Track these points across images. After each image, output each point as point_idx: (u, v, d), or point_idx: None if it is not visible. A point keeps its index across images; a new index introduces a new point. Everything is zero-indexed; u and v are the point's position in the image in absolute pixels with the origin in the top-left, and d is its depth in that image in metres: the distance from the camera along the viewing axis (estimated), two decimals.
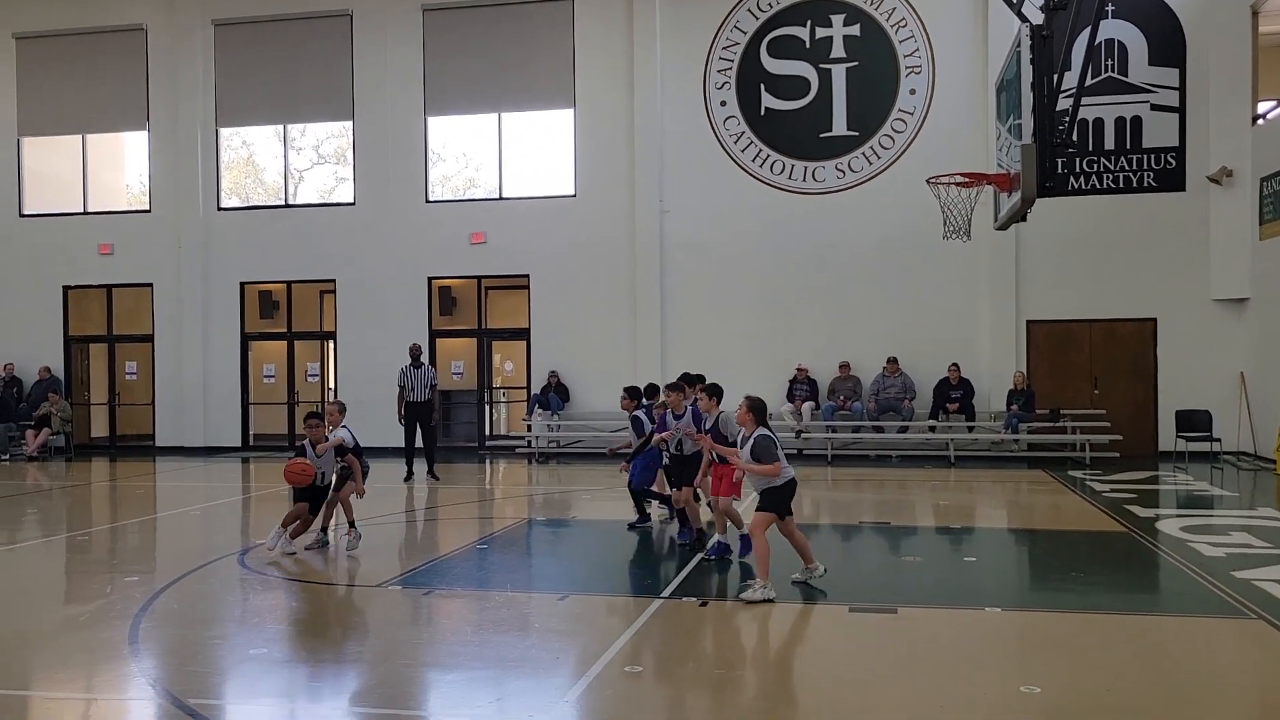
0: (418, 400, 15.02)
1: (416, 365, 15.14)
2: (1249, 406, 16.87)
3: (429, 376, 15.20)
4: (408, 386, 15.05)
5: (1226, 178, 16.89)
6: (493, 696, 5.49)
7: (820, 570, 7.92)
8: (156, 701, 5.39)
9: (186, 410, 20.74)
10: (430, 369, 15.43)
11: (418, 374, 15.08)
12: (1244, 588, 7.66)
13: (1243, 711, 5.29)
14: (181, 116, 20.67)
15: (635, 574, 8.77)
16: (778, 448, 7.73)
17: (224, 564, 8.99)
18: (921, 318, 18.18)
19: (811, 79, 18.68)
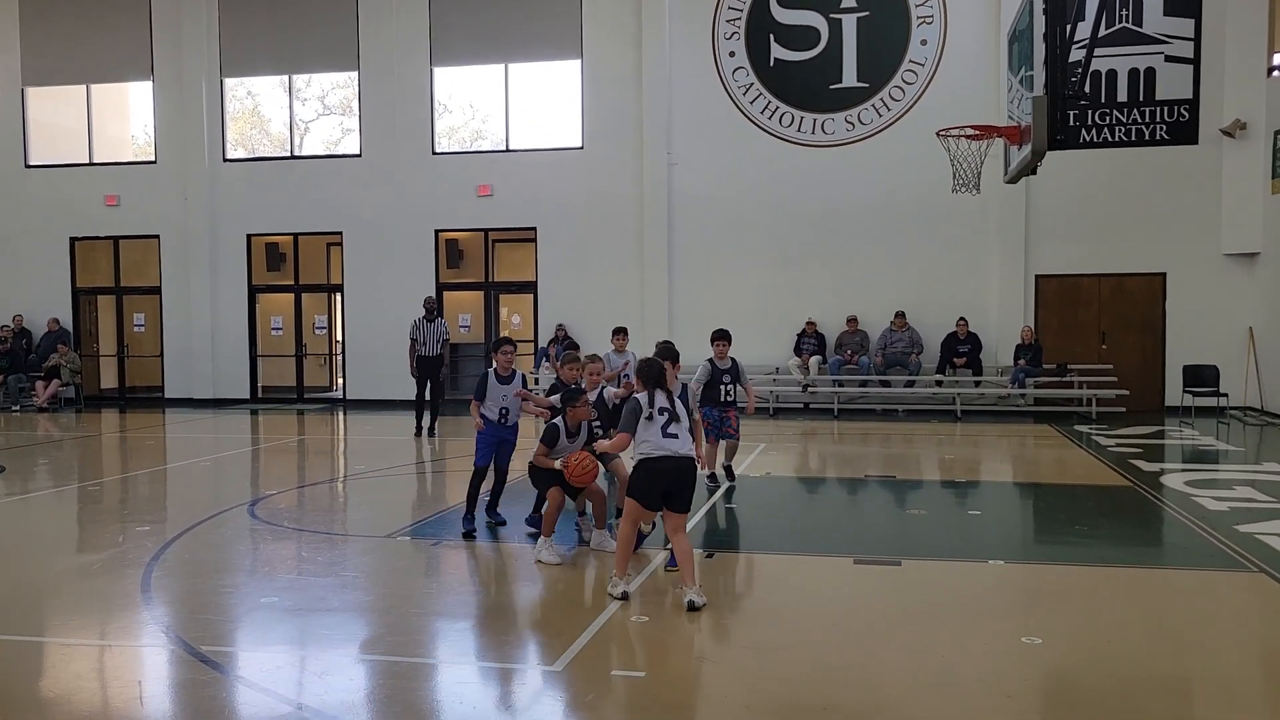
0: (430, 355, 14.89)
1: (430, 318, 14.98)
2: (1257, 362, 16.83)
3: (442, 330, 15.01)
4: (420, 340, 14.90)
5: (1240, 130, 16.71)
6: (500, 645, 5.56)
7: (692, 598, 6.02)
8: (169, 649, 5.48)
9: (195, 362, 20.82)
10: (443, 323, 15.22)
11: (431, 327, 14.92)
12: (1246, 541, 7.70)
13: (1243, 663, 5.34)
14: (186, 67, 20.52)
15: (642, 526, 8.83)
16: (638, 417, 6.21)
17: (234, 514, 9.08)
18: (930, 272, 18.11)
19: (821, 29, 18.44)
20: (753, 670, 5.21)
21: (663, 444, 6.14)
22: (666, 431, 6.16)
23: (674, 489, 6.18)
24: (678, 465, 6.15)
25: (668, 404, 6.23)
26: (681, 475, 6.16)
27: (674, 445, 6.15)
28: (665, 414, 6.21)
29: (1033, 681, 4.99)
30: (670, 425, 6.18)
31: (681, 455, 6.16)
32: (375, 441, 15.23)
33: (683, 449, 6.18)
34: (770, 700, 4.77)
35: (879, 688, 4.89)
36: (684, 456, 6.17)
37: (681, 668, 5.22)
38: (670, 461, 6.14)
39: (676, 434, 6.17)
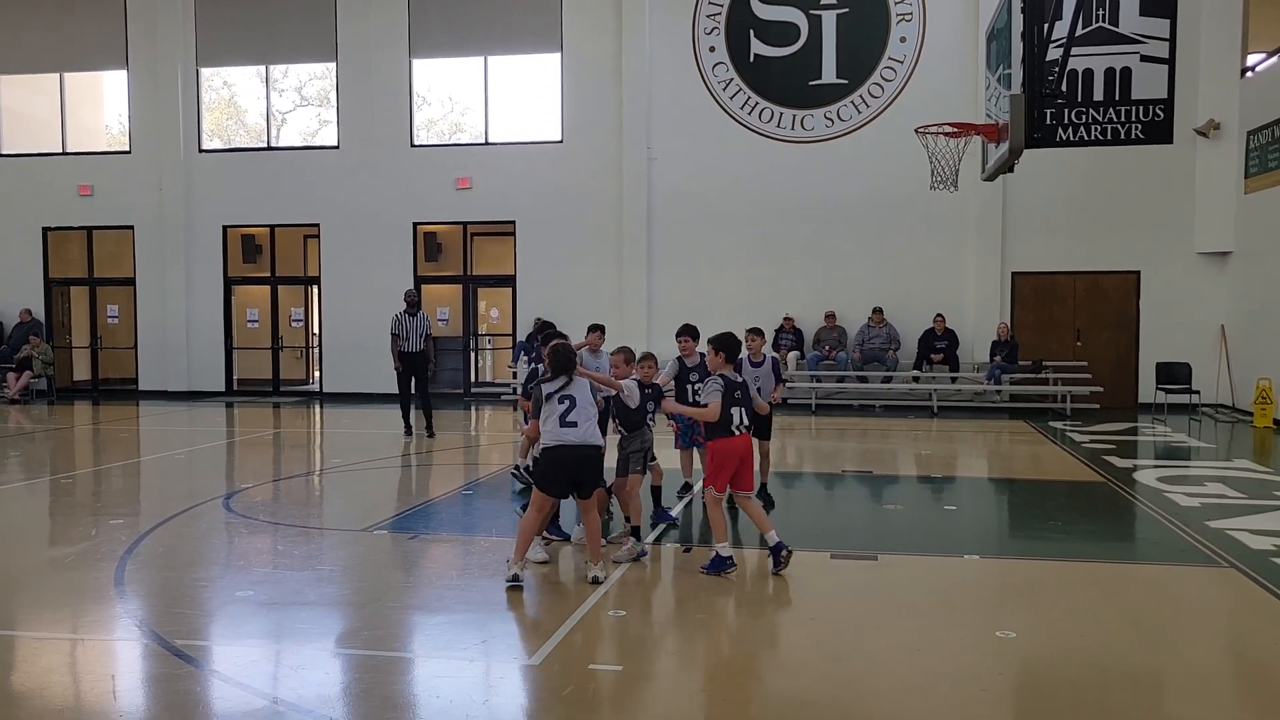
0: (413, 350, 14.16)
1: (412, 313, 14.22)
2: (1228, 359, 17.02)
3: (424, 325, 14.26)
4: (402, 335, 14.17)
5: (1214, 130, 16.87)
6: (477, 639, 5.55)
7: (596, 573, 6.37)
8: (143, 642, 5.44)
9: (169, 354, 20.65)
10: (426, 317, 14.44)
11: (413, 322, 14.16)
12: (1218, 537, 7.79)
13: (1214, 656, 5.41)
14: (161, 56, 20.32)
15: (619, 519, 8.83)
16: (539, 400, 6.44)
17: (209, 508, 9.02)
18: (908, 268, 18.20)
19: (801, 25, 18.47)
20: (729, 664, 5.24)
21: (560, 434, 6.28)
22: (565, 420, 6.28)
23: (578, 477, 6.38)
24: (577, 454, 6.30)
25: (573, 392, 6.34)
26: (581, 464, 6.34)
27: (571, 435, 6.28)
28: (566, 402, 6.31)
29: (1007, 675, 5.03)
30: (570, 414, 6.28)
31: (581, 444, 6.29)
32: (352, 435, 15.16)
33: (583, 438, 6.31)
34: (746, 694, 4.79)
35: (855, 682, 4.92)
36: (584, 445, 6.30)
37: (659, 661, 5.23)
38: (568, 450, 6.29)
39: (575, 422, 6.29)
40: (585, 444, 6.30)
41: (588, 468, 6.38)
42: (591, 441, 6.35)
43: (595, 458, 6.46)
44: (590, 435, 6.33)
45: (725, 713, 4.55)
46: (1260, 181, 15.88)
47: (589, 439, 6.33)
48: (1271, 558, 7.17)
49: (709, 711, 4.57)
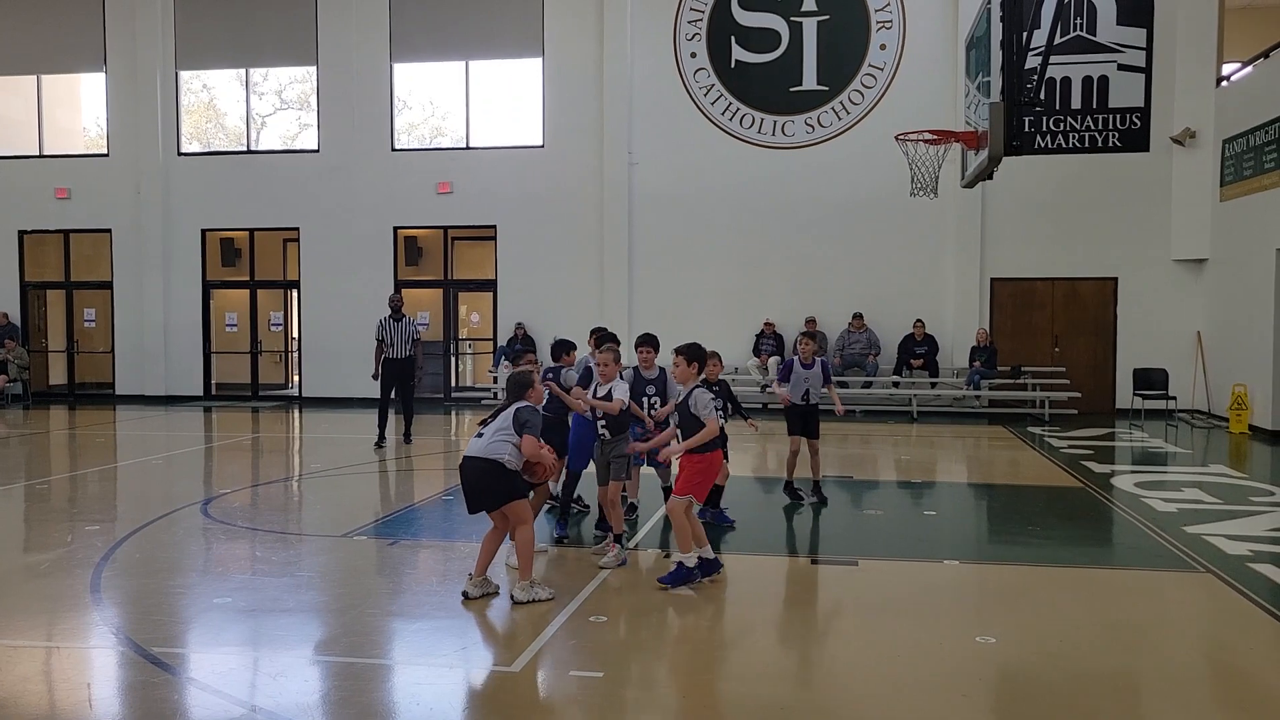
0: (398, 356, 13.58)
1: (397, 318, 13.66)
2: (1204, 366, 17.18)
3: (411, 330, 13.71)
4: (387, 341, 13.58)
5: (1190, 139, 17.04)
6: (458, 646, 5.53)
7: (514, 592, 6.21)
8: (119, 650, 5.39)
9: (147, 358, 20.49)
10: (412, 322, 13.92)
11: (398, 327, 13.59)
12: (1194, 542, 7.86)
13: (1190, 660, 5.45)
14: (140, 58, 20.19)
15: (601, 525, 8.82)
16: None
17: (187, 513, 8.95)
18: (888, 274, 18.28)
19: (782, 32, 18.55)
20: (711, 670, 5.24)
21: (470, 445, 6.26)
22: (478, 433, 6.24)
23: (473, 487, 6.22)
24: (469, 464, 6.18)
25: (501, 410, 6.29)
26: (471, 474, 6.18)
27: (472, 445, 6.19)
28: (491, 420, 6.29)
29: (987, 680, 5.05)
30: (483, 426, 6.25)
31: (472, 455, 6.17)
32: (332, 440, 15.08)
33: (477, 450, 6.11)
34: (728, 700, 4.79)
35: (835, 687, 4.93)
36: (474, 456, 6.15)
37: (639, 668, 5.22)
38: (464, 460, 6.24)
39: (482, 434, 6.20)
40: (476, 455, 6.12)
41: (479, 479, 6.14)
42: (483, 455, 6.09)
43: (470, 468, 6.15)
44: (486, 449, 6.08)
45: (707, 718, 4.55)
46: (1235, 190, 16.05)
47: (483, 451, 6.10)
48: (1247, 563, 7.24)
49: (690, 718, 4.56)
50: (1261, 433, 14.79)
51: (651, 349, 7.95)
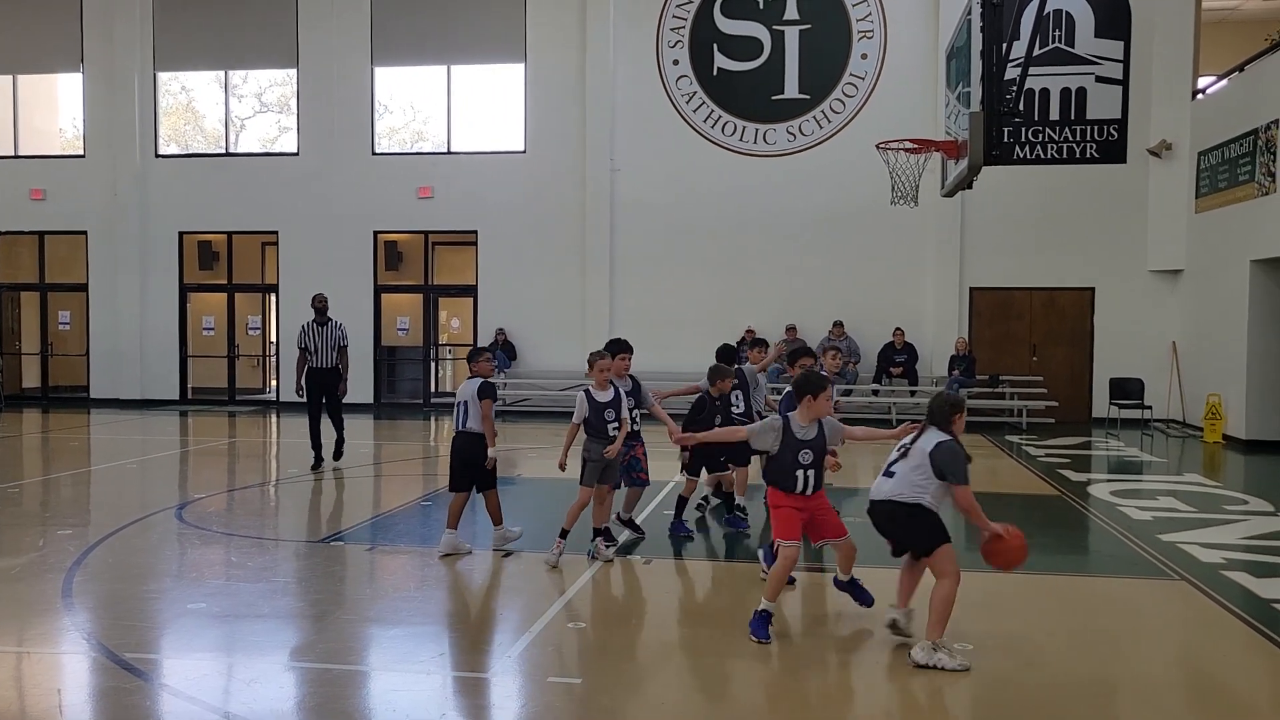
0: (323, 365, 11.98)
1: (321, 322, 12.03)
2: (1179, 376, 17.32)
3: (337, 336, 12.10)
4: (310, 348, 11.96)
5: (1166, 151, 17.20)
6: (435, 652, 5.50)
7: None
8: (91, 656, 5.32)
9: (122, 362, 20.31)
10: (339, 325, 12.23)
11: (323, 333, 11.99)
12: (1169, 550, 7.92)
13: (1165, 667, 5.48)
14: (118, 59, 20.04)
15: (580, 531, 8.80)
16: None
17: (161, 518, 8.86)
18: (868, 282, 18.35)
19: (764, 40, 18.61)
20: (687, 677, 5.22)
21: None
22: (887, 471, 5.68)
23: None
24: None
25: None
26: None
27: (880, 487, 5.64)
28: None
29: (964, 686, 5.06)
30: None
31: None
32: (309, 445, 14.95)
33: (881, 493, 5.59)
34: (703, 707, 4.78)
35: (811, 695, 4.92)
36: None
37: (617, 674, 5.20)
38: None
39: (891, 471, 5.60)
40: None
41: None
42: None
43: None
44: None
45: None
46: (1210, 201, 16.21)
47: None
48: (1221, 570, 7.29)
49: None
50: (1235, 442, 14.92)
51: (628, 355, 8.00)
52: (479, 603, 6.44)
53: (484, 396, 7.55)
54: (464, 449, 7.61)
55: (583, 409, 7.27)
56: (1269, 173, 14.17)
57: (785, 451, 5.69)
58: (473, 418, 7.56)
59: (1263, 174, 14.36)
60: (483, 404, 7.52)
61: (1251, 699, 5.06)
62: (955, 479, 5.27)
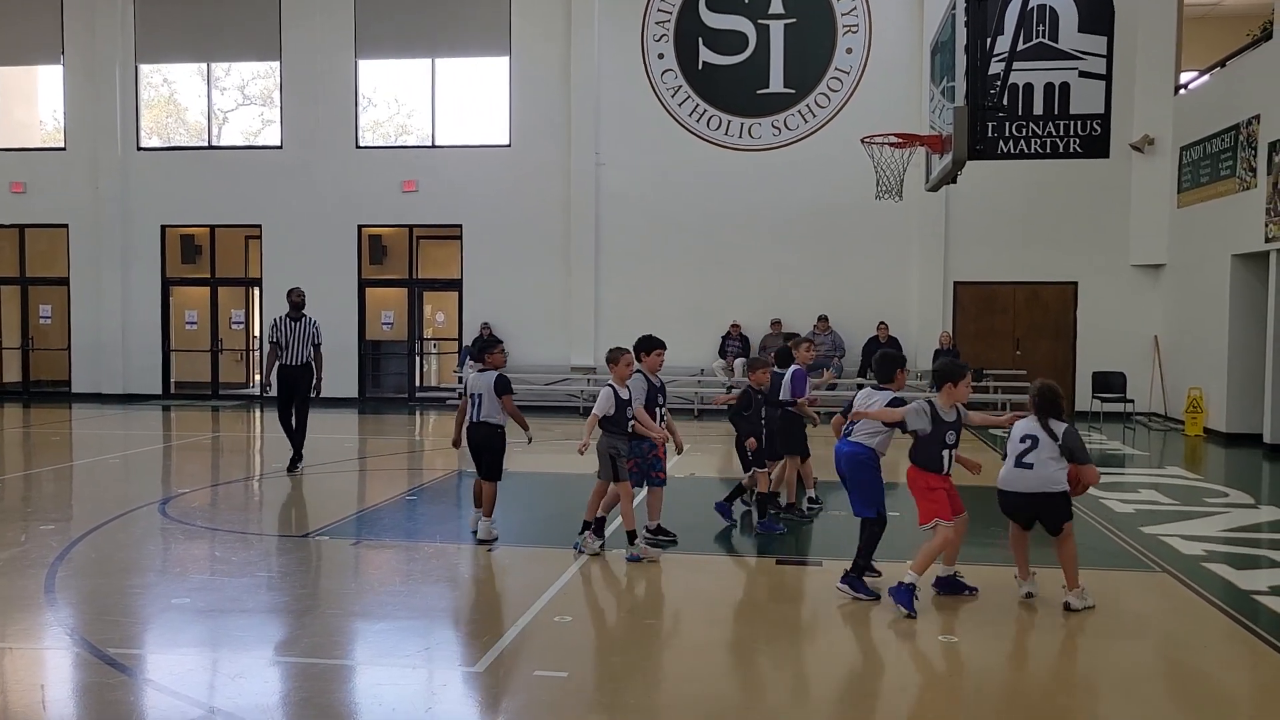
0: (294, 362, 11.30)
1: (296, 316, 11.39)
2: (1161, 369, 17.44)
3: (311, 331, 11.43)
4: (282, 343, 11.32)
5: (1148, 146, 17.30)
6: (421, 646, 5.49)
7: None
8: (74, 651, 5.29)
9: (104, 356, 20.17)
10: (313, 321, 11.52)
11: (296, 328, 11.34)
12: (1151, 542, 7.98)
13: (1147, 659, 5.52)
14: (99, 51, 19.87)
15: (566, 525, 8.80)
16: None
17: (144, 513, 8.82)
18: (852, 277, 18.40)
19: (750, 34, 18.61)
20: (674, 671, 5.24)
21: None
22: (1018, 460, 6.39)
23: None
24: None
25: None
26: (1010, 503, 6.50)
27: (1014, 479, 6.39)
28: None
29: (949, 678, 5.09)
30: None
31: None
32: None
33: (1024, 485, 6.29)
34: (691, 700, 4.79)
35: (799, 686, 4.94)
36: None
37: (603, 668, 5.21)
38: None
39: (1022, 461, 6.35)
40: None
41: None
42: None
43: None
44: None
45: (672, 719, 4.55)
46: (1192, 196, 16.32)
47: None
48: (1202, 562, 7.36)
49: (654, 718, 4.55)
50: (1216, 435, 15.04)
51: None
52: (465, 597, 6.44)
53: (501, 392, 7.74)
54: (479, 439, 7.82)
55: (608, 404, 7.20)
56: (1250, 168, 14.26)
57: (935, 433, 6.35)
58: (487, 409, 7.75)
59: (1244, 169, 14.46)
60: (503, 400, 7.74)
61: (1232, 690, 5.11)
62: (1084, 459, 6.10)
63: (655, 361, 7.64)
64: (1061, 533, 6.19)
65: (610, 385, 7.29)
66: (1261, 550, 8.04)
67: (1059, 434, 6.10)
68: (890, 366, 7.55)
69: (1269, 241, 13.70)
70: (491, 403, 7.75)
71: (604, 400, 7.19)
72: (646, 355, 7.60)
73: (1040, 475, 6.12)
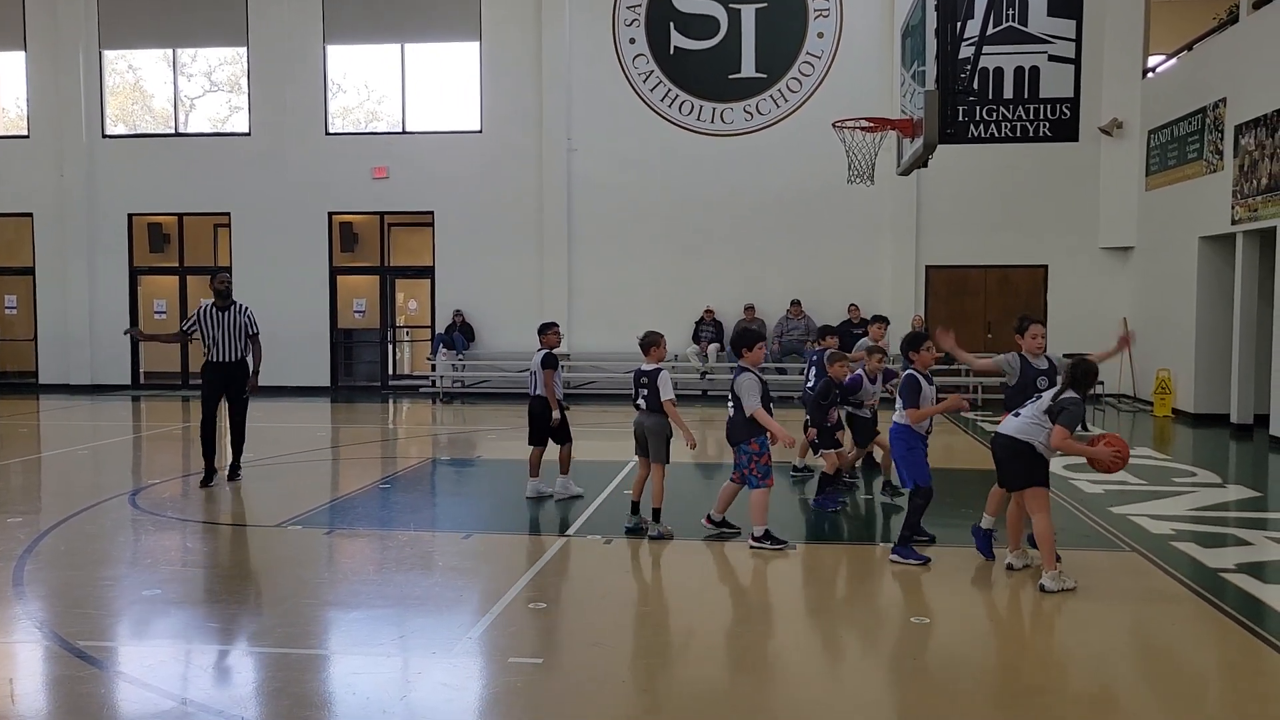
0: (224, 359, 9.66)
1: (223, 306, 9.64)
2: (1130, 351, 17.61)
3: (244, 321, 9.71)
4: (208, 337, 9.61)
5: (1117, 129, 17.43)
6: (395, 634, 5.48)
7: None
8: (43, 644, 5.24)
9: (72, 346, 19.94)
10: (245, 309, 9.80)
11: (224, 319, 9.59)
12: (1120, 522, 8.08)
13: (1116, 637, 5.59)
14: (62, 37, 19.57)
15: (540, 512, 8.80)
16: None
17: (114, 504, 8.74)
18: (825, 261, 18.45)
19: (721, 19, 18.57)
20: (649, 655, 5.25)
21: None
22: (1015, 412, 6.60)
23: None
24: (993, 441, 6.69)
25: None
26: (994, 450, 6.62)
27: (1006, 424, 6.51)
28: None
29: (921, 660, 5.14)
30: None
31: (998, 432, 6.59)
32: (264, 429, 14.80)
33: (1006, 428, 6.43)
34: (667, 685, 4.81)
35: (774, 670, 4.97)
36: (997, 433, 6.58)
37: (578, 654, 5.22)
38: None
39: (1018, 412, 6.49)
40: (1009, 435, 6.41)
41: (1009, 458, 6.43)
42: (1016, 435, 6.37)
43: (1017, 450, 6.36)
44: (1020, 430, 6.35)
45: (644, 703, 4.56)
46: (1160, 179, 16.47)
47: (1016, 432, 6.37)
48: (1170, 541, 7.46)
49: (628, 702, 4.57)
50: (1184, 416, 15.23)
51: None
52: (439, 585, 6.42)
53: (545, 366, 8.74)
54: (534, 410, 8.89)
55: (671, 388, 7.72)
56: (1217, 150, 14.41)
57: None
58: (539, 383, 8.75)
59: (1211, 152, 14.61)
60: (545, 373, 8.71)
61: (1200, 666, 5.19)
62: (1062, 422, 6.10)
63: (755, 357, 7.44)
64: (1026, 495, 6.31)
65: (661, 369, 7.78)
66: (1228, 529, 8.15)
67: (1062, 398, 6.19)
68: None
69: (1235, 224, 13.87)
70: (542, 379, 8.75)
71: (669, 384, 7.71)
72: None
73: (1021, 424, 6.28)
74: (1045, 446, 6.23)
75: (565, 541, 7.43)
